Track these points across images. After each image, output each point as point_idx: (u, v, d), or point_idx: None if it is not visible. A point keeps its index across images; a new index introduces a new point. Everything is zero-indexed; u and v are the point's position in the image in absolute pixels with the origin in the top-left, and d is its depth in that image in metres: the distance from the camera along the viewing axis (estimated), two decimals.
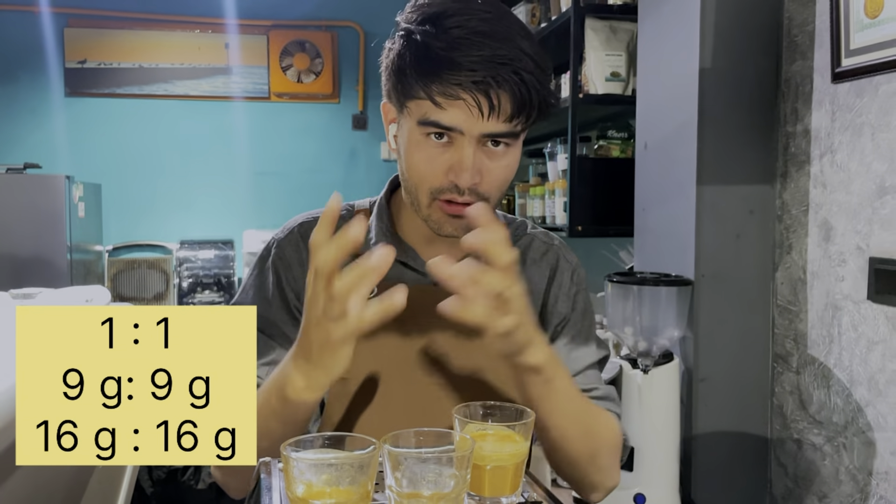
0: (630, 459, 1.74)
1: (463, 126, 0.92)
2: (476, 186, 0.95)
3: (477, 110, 0.91)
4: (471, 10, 0.94)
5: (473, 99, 0.90)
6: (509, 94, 0.91)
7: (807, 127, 1.72)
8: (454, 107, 0.92)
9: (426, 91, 0.92)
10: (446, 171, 0.95)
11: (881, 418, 1.52)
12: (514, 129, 0.95)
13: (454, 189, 0.96)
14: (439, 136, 0.95)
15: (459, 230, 0.99)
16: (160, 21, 4.10)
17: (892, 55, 1.47)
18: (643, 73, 2.06)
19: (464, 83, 0.90)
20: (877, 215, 1.53)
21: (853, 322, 1.59)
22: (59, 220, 3.17)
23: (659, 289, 1.76)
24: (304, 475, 0.58)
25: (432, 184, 0.97)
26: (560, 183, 2.56)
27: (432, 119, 0.93)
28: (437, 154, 0.95)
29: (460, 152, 0.94)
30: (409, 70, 0.94)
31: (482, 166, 0.95)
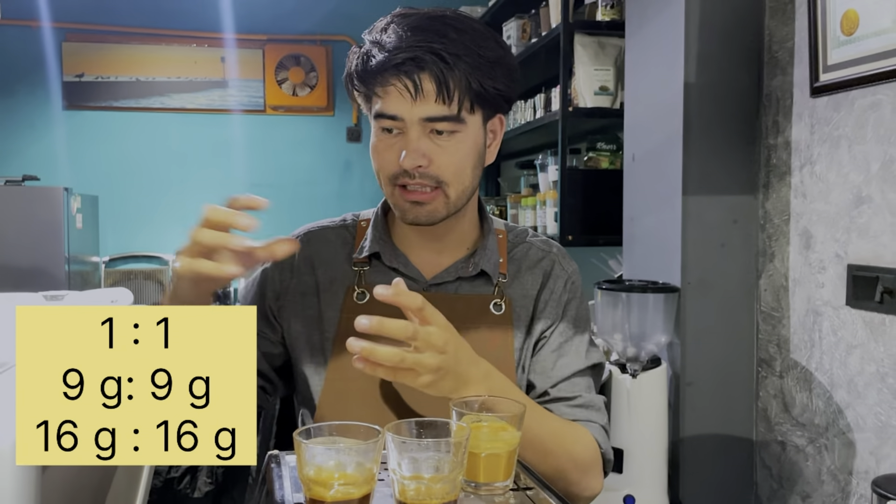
0: (619, 462, 1.79)
1: (401, 112, 1.02)
2: (425, 170, 1.04)
3: (407, 93, 1.00)
4: (413, 15, 1.05)
5: (401, 83, 1.00)
6: (430, 74, 1.00)
7: (787, 139, 1.79)
8: (388, 94, 1.02)
9: (368, 87, 1.04)
10: (397, 157, 1.04)
11: (860, 419, 1.58)
12: (451, 112, 1.02)
13: (405, 174, 1.04)
14: (390, 129, 1.05)
15: (421, 217, 1.08)
16: (157, 35, 4.16)
17: (866, 71, 1.53)
18: (630, 87, 2.13)
19: (389, 69, 1.00)
20: (854, 224, 1.59)
21: (833, 327, 1.65)
22: (57, 232, 3.21)
23: (647, 296, 1.82)
24: (314, 459, 0.63)
25: (387, 171, 1.07)
26: (551, 194, 2.62)
27: (377, 110, 1.04)
28: (391, 144, 1.05)
29: (406, 138, 1.03)
30: (356, 75, 1.06)
31: (428, 151, 1.03)
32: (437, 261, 1.18)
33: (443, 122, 1.02)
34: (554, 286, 1.21)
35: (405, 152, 1.03)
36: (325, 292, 1.16)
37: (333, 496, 0.62)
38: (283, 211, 4.20)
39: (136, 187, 4.15)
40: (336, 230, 1.23)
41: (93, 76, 4.11)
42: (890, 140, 1.49)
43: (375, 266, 1.17)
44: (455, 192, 1.08)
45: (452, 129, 1.04)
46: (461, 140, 1.06)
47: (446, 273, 1.16)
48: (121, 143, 4.14)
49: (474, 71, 1.01)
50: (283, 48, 4.29)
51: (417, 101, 1.00)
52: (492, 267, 1.17)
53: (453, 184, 1.07)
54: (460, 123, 1.04)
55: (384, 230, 1.19)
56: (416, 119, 1.02)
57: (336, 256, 1.19)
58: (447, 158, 1.05)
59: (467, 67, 1.01)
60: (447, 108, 1.02)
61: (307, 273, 1.18)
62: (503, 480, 0.74)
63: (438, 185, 1.06)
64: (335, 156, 4.38)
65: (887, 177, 1.50)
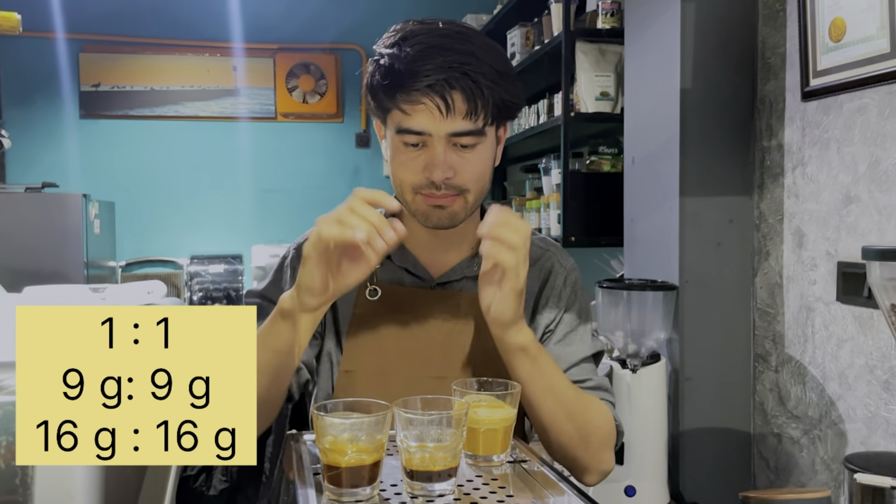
0: (621, 454, 1.85)
1: (429, 128, 1.07)
2: (450, 181, 1.10)
3: (437, 111, 1.06)
4: (430, 30, 1.10)
5: (432, 101, 1.05)
6: (461, 94, 1.05)
7: (780, 142, 1.86)
8: (418, 112, 1.07)
9: (393, 102, 1.09)
10: (422, 169, 1.10)
11: (851, 411, 1.65)
12: (476, 127, 1.09)
13: (431, 185, 1.11)
14: (414, 143, 1.10)
15: (444, 221, 1.14)
16: (171, 46, 4.26)
17: (854, 76, 1.60)
18: (630, 92, 2.20)
19: (421, 89, 1.05)
20: (843, 223, 1.66)
21: (824, 322, 1.72)
22: (76, 237, 3.30)
23: (646, 294, 1.89)
24: (330, 430, 0.71)
25: (412, 182, 1.12)
26: (554, 196, 2.69)
27: (404, 126, 1.09)
28: (414, 157, 1.10)
29: (432, 152, 1.09)
30: (379, 88, 1.11)
31: (453, 163, 1.09)
32: (444, 260, 1.25)
33: (468, 136, 1.09)
34: (554, 282, 1.28)
35: (432, 166, 1.08)
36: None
37: (347, 462, 0.69)
38: (293, 215, 4.29)
39: (151, 193, 4.25)
40: None
41: (109, 86, 4.21)
42: (876, 142, 1.56)
43: (386, 265, 1.24)
44: (474, 197, 1.15)
45: (475, 141, 1.10)
46: (481, 151, 1.12)
47: (452, 272, 1.23)
48: (136, 150, 4.24)
49: (496, 87, 1.07)
50: (294, 57, 4.39)
51: (447, 119, 1.06)
52: None
53: (474, 190, 1.14)
54: (482, 136, 1.11)
55: None
56: (443, 134, 1.07)
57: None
58: (470, 168, 1.11)
59: (492, 84, 1.07)
60: (473, 123, 1.08)
61: None
62: (500, 453, 0.81)
63: (460, 192, 1.12)
64: (344, 161, 4.47)
65: (874, 177, 1.56)
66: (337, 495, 0.70)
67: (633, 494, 1.85)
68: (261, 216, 4.33)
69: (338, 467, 0.69)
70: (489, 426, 0.80)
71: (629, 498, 1.84)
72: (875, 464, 0.90)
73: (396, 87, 1.07)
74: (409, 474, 0.72)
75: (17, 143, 3.93)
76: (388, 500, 0.71)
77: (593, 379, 1.24)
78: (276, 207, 4.35)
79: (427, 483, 0.70)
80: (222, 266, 4.00)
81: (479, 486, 0.76)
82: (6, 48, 3.96)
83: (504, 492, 0.74)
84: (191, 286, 3.95)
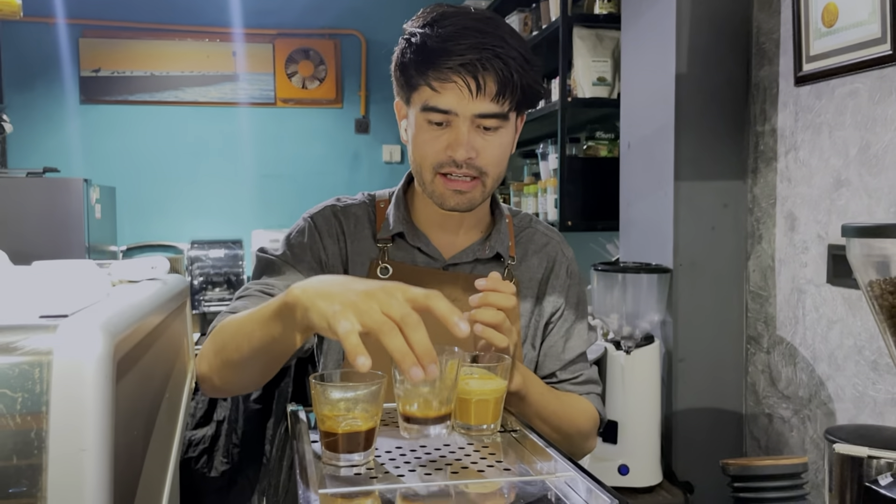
0: (614, 433, 1.89)
1: (457, 107, 1.09)
2: (472, 161, 1.13)
3: (467, 90, 1.08)
4: (462, 13, 1.13)
5: (463, 80, 1.07)
6: (493, 75, 1.08)
7: (774, 126, 1.88)
8: (447, 90, 1.09)
9: (424, 79, 1.10)
10: (445, 148, 1.12)
11: (840, 390, 1.68)
12: (502, 110, 1.11)
13: (452, 163, 1.13)
14: (439, 122, 1.12)
15: (462, 204, 1.16)
16: (171, 31, 4.27)
17: (845, 61, 1.62)
18: (626, 78, 2.22)
19: (454, 67, 1.07)
20: (834, 206, 1.68)
21: (815, 304, 1.75)
22: (77, 222, 3.32)
23: (640, 276, 1.92)
24: (327, 397, 0.74)
25: (434, 160, 1.14)
26: (551, 181, 2.72)
27: (431, 104, 1.11)
28: (438, 135, 1.13)
29: (456, 131, 1.11)
30: (410, 64, 1.13)
31: (476, 144, 1.12)
32: (455, 242, 1.27)
33: (493, 118, 1.11)
34: (559, 272, 1.32)
35: (456, 144, 1.11)
36: (352, 264, 1.25)
37: (343, 428, 0.72)
38: (293, 201, 4.32)
39: (151, 178, 4.27)
40: (359, 206, 1.30)
41: (108, 71, 4.22)
42: (866, 126, 1.58)
43: (398, 244, 1.26)
44: (491, 181, 1.18)
45: (499, 125, 1.13)
46: (503, 135, 1.15)
47: (464, 254, 1.26)
48: (136, 135, 4.26)
49: (524, 73, 1.10)
50: (293, 42, 4.40)
51: (476, 100, 1.08)
52: (504, 249, 1.27)
53: (492, 174, 1.16)
54: (506, 121, 1.14)
55: (405, 211, 1.27)
56: (470, 114, 1.10)
57: (362, 231, 1.27)
58: (491, 151, 1.14)
59: (521, 70, 1.09)
60: (499, 106, 1.10)
61: (341, 242, 1.26)
62: (491, 423, 0.85)
63: (479, 175, 1.15)
64: (344, 147, 4.49)
65: (864, 160, 1.59)
66: (333, 460, 0.73)
67: (626, 473, 1.89)
68: (261, 201, 4.36)
69: (334, 434, 0.73)
70: (481, 397, 0.83)
71: (622, 476, 1.88)
72: (855, 436, 0.93)
73: (429, 63, 1.09)
74: (406, 419, 0.76)
75: (19, 128, 3.95)
76: (382, 465, 0.75)
77: (584, 373, 1.31)
78: (276, 193, 4.37)
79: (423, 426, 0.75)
80: (223, 251, 4.03)
81: (470, 452, 0.79)
82: (7, 33, 3.97)
83: (494, 457, 0.77)
84: (191, 271, 3.98)
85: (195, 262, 3.98)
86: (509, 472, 0.73)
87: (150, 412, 0.67)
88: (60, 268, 0.68)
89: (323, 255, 1.24)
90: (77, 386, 0.47)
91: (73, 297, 0.57)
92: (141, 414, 0.62)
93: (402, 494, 0.68)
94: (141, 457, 0.63)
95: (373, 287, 0.78)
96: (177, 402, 0.85)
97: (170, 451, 0.80)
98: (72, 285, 0.62)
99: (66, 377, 0.47)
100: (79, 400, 0.47)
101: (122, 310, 0.56)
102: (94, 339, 0.48)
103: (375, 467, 0.74)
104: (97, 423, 0.47)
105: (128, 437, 0.56)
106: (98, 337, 0.48)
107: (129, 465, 0.57)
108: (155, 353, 0.69)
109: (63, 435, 0.46)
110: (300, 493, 0.63)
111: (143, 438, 0.63)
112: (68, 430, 0.46)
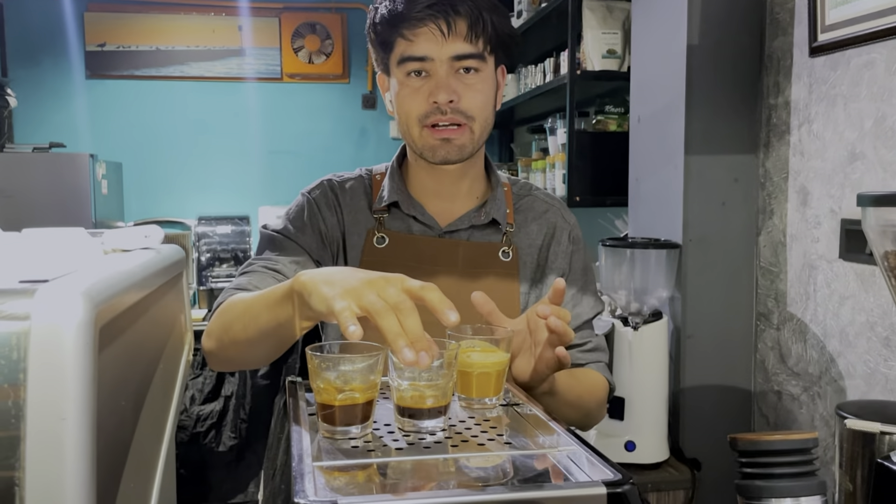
0: (622, 409, 1.88)
1: (432, 52, 1.11)
2: (455, 105, 1.13)
3: (439, 32, 1.10)
4: None
5: (434, 23, 1.09)
6: (463, 16, 1.10)
7: (787, 99, 1.84)
8: (419, 36, 1.11)
9: (397, 32, 1.12)
10: (427, 97, 1.13)
11: (851, 367, 1.65)
12: (477, 49, 1.13)
13: (437, 111, 1.14)
14: (417, 73, 1.13)
15: (452, 153, 1.17)
16: (176, 5, 4.23)
17: (862, 30, 1.58)
18: (636, 50, 2.17)
19: (422, 12, 1.09)
20: (848, 180, 1.65)
21: (826, 279, 1.72)
22: (84, 197, 3.32)
23: (649, 252, 1.89)
24: (324, 369, 0.72)
25: (418, 111, 1.15)
26: (560, 156, 2.68)
27: (407, 54, 1.13)
28: (419, 87, 1.14)
29: (435, 77, 1.13)
30: (382, 22, 1.14)
31: (457, 87, 1.13)
32: (451, 210, 1.27)
33: (470, 59, 1.13)
34: (561, 237, 1.30)
35: (436, 89, 1.12)
36: (349, 235, 1.25)
37: (341, 401, 0.71)
38: (300, 177, 4.28)
39: (157, 154, 4.25)
40: (356, 180, 1.31)
41: (114, 45, 4.19)
42: (882, 97, 1.54)
43: (394, 213, 1.26)
44: (479, 128, 1.18)
45: (477, 66, 1.14)
46: (483, 79, 1.16)
47: (459, 221, 1.25)
48: (142, 110, 4.24)
49: (493, 14, 1.13)
50: (299, 16, 4.35)
51: (448, 41, 1.10)
52: (501, 216, 1.26)
53: (479, 119, 1.17)
54: (483, 62, 1.15)
55: (401, 181, 1.27)
56: (446, 58, 1.11)
57: (358, 203, 1.27)
58: (473, 94, 1.15)
59: (490, 10, 1.12)
60: (473, 46, 1.12)
61: (338, 214, 1.27)
62: (493, 396, 0.83)
63: (466, 120, 1.15)
64: (351, 122, 4.46)
65: (879, 133, 1.55)
66: (330, 433, 0.72)
67: (632, 449, 1.87)
68: (267, 177, 4.34)
69: (331, 406, 0.71)
70: (482, 370, 0.81)
71: (629, 452, 1.87)
72: (867, 411, 0.91)
73: (399, 16, 1.11)
74: (401, 411, 0.73)
75: (24, 103, 3.93)
76: (381, 437, 0.73)
77: (592, 341, 1.30)
78: (283, 168, 4.35)
79: (418, 420, 0.72)
80: (230, 227, 4.02)
81: (470, 426, 0.77)
82: (12, 7, 3.95)
83: (495, 431, 0.75)
84: (198, 247, 3.97)
85: (202, 238, 3.98)
86: (510, 447, 0.71)
87: (140, 383, 0.65)
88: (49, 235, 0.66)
89: (322, 227, 1.25)
90: (56, 353, 0.45)
91: (58, 262, 0.55)
92: (130, 384, 0.61)
93: (400, 468, 0.66)
94: (131, 427, 0.61)
95: (374, 276, 0.80)
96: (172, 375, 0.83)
97: (164, 423, 0.79)
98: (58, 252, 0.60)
99: (44, 344, 0.45)
100: (58, 367, 0.45)
101: (107, 277, 0.54)
102: (74, 305, 0.46)
103: (373, 440, 0.72)
104: (78, 391, 0.45)
105: (114, 407, 0.54)
106: (78, 302, 0.46)
107: (117, 436, 0.56)
108: (146, 323, 0.67)
109: (42, 403, 0.45)
110: (293, 466, 0.61)
111: (133, 409, 0.62)
112: (47, 399, 0.45)
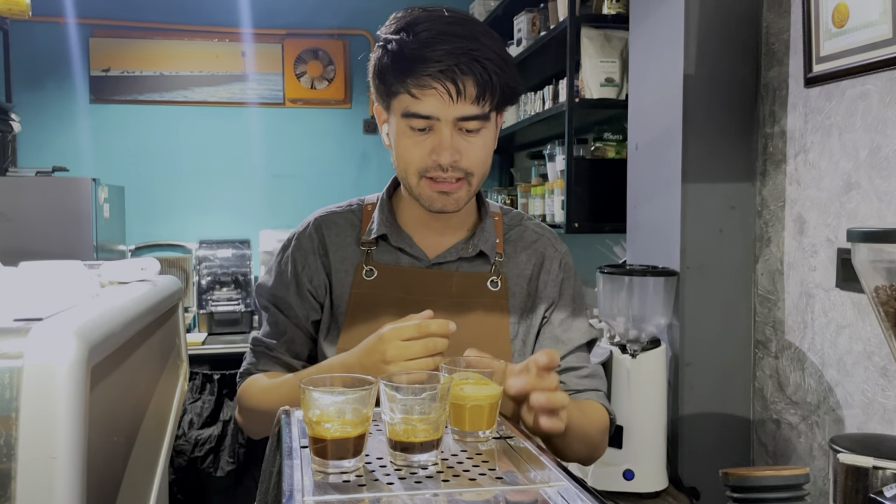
0: (620, 438, 1.87)
1: (438, 112, 1.10)
2: (457, 163, 1.13)
3: (447, 95, 1.08)
4: (436, 17, 1.12)
5: (443, 86, 1.08)
6: (472, 78, 1.08)
7: (783, 128, 1.85)
8: (428, 96, 1.09)
9: (403, 86, 1.10)
10: (429, 153, 1.13)
11: (849, 396, 1.65)
12: (483, 112, 1.12)
13: (438, 168, 1.14)
14: (421, 127, 1.12)
15: (449, 205, 1.17)
16: (180, 31, 4.27)
17: (856, 62, 1.60)
18: (634, 79, 2.20)
19: (433, 74, 1.07)
20: (844, 209, 1.66)
21: (824, 308, 1.72)
22: (86, 221, 3.33)
23: (647, 279, 1.89)
24: (317, 404, 0.72)
25: (419, 165, 1.15)
26: (559, 183, 2.70)
27: (412, 111, 1.11)
28: (420, 140, 1.13)
29: (439, 136, 1.12)
30: (387, 71, 1.13)
31: (459, 146, 1.13)
32: (440, 242, 1.27)
33: (474, 120, 1.12)
34: (550, 267, 1.31)
35: (440, 149, 1.11)
36: (336, 272, 1.26)
37: (333, 434, 0.71)
38: (301, 201, 4.31)
39: (160, 178, 4.28)
40: (344, 214, 1.32)
41: (118, 71, 4.23)
42: (877, 128, 1.55)
43: (382, 246, 1.27)
44: (477, 181, 1.18)
45: (481, 126, 1.13)
46: (485, 135, 1.15)
47: (448, 253, 1.26)
48: (145, 135, 4.27)
49: (502, 73, 1.10)
50: (302, 42, 4.39)
51: (456, 104, 1.09)
52: (489, 247, 1.27)
53: (477, 174, 1.17)
54: (487, 121, 1.14)
55: (390, 213, 1.28)
56: (451, 118, 1.10)
57: (345, 239, 1.28)
58: (475, 152, 1.14)
59: (499, 70, 1.10)
60: (480, 108, 1.11)
61: (322, 256, 1.28)
62: (486, 429, 0.83)
63: (465, 175, 1.15)
64: (352, 147, 4.48)
65: (874, 163, 1.56)
66: (322, 467, 0.72)
67: (631, 478, 1.87)
68: (269, 201, 4.35)
69: (323, 440, 0.71)
70: (475, 402, 0.81)
71: (628, 481, 1.86)
72: (860, 445, 0.91)
73: (407, 71, 1.09)
74: (393, 445, 0.73)
75: (28, 127, 3.96)
76: (372, 471, 0.73)
77: (587, 367, 1.29)
78: (284, 193, 4.37)
79: (410, 454, 0.72)
80: (230, 250, 4.03)
81: (462, 459, 0.77)
82: (17, 33, 3.99)
83: (487, 465, 0.75)
84: (199, 270, 3.98)
85: (203, 261, 3.98)
86: (502, 482, 0.71)
87: (134, 415, 0.66)
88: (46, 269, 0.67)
89: (308, 284, 1.28)
90: (48, 391, 0.45)
91: (53, 299, 0.56)
92: (123, 418, 0.61)
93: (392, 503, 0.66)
94: (123, 460, 0.61)
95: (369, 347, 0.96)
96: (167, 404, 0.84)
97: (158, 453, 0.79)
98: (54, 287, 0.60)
99: (36, 382, 0.45)
100: (50, 406, 0.45)
101: (101, 314, 0.55)
102: (66, 344, 0.47)
103: (365, 474, 0.72)
104: (68, 429, 0.46)
105: (106, 444, 0.55)
106: (71, 342, 0.47)
107: (109, 472, 0.56)
108: (141, 356, 0.68)
109: (33, 441, 0.45)
110: (284, 501, 0.62)
111: (125, 444, 0.62)
112: (39, 437, 0.45)
